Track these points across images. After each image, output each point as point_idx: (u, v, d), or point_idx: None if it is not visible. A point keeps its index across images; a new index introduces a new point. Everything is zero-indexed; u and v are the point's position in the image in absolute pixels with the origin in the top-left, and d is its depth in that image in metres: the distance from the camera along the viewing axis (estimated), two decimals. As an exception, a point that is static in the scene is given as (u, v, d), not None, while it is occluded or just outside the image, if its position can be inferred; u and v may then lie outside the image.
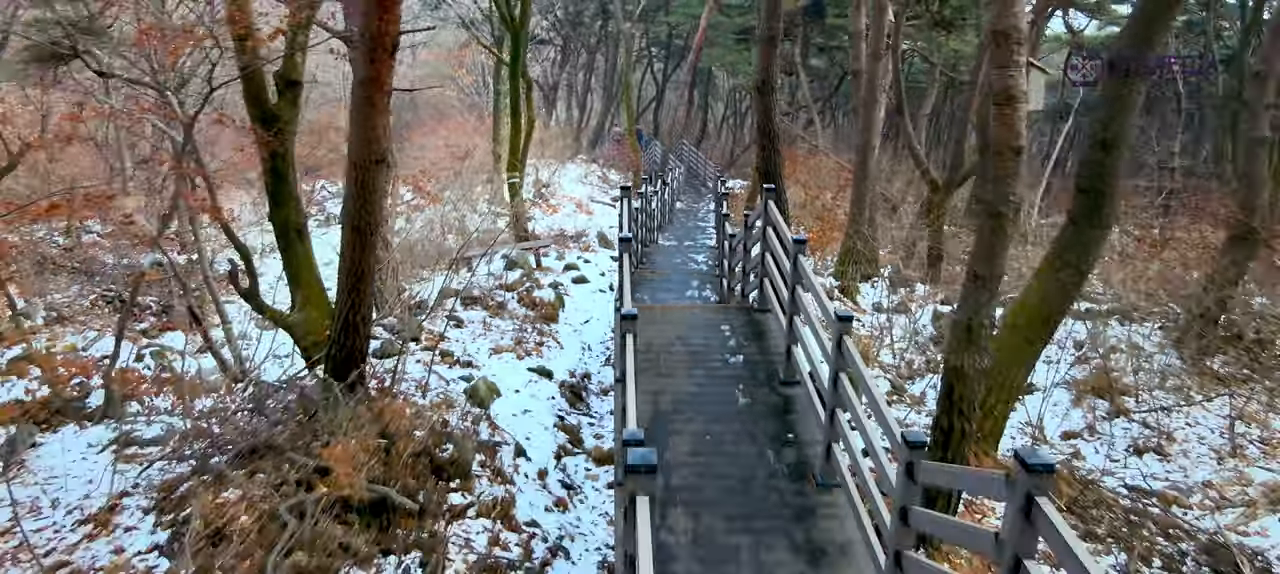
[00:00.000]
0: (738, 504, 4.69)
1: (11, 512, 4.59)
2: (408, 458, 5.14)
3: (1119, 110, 5.98)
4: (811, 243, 13.40)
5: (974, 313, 5.23)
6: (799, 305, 5.69)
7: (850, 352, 4.51)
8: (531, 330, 9.23)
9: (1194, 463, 7.14)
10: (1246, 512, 6.38)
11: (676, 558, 4.24)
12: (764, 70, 9.45)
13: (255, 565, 4.03)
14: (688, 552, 4.30)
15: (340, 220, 6.04)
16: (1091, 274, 8.69)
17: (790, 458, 5.13)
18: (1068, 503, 6.27)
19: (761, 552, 4.32)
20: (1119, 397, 8.23)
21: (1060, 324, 6.91)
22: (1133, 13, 6.03)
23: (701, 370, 6.13)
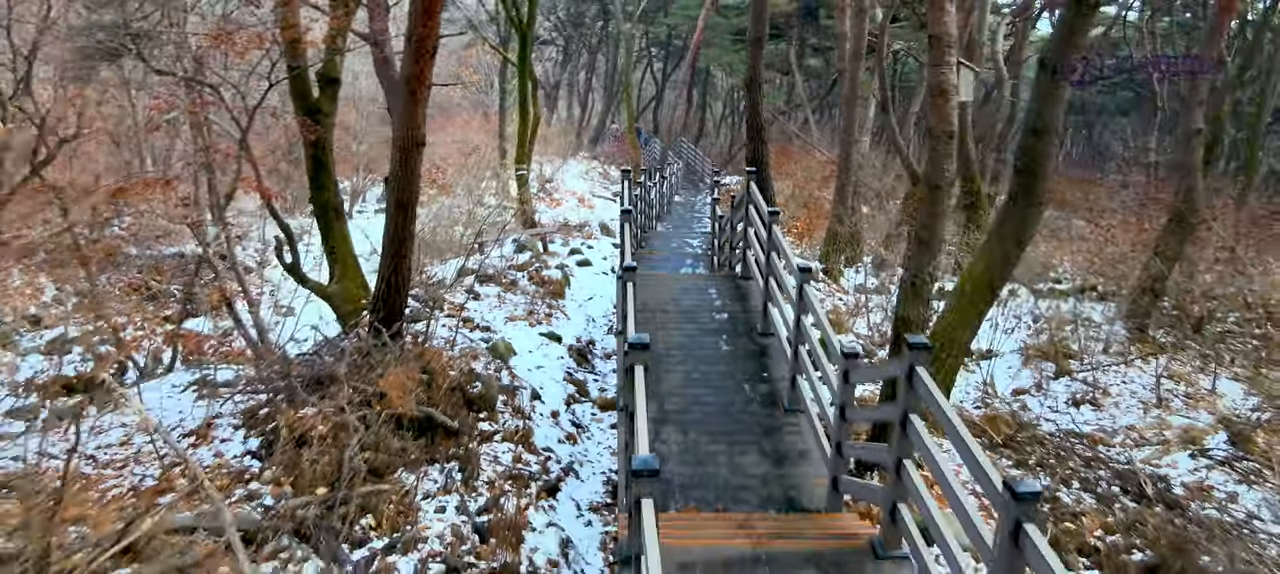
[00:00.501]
0: (719, 424, 5.77)
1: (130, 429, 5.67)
2: (445, 391, 6.23)
3: (1048, 103, 7.04)
4: (800, 229, 14.53)
5: (918, 271, 6.33)
6: (774, 269, 6.78)
7: (809, 297, 5.60)
8: (541, 304, 10.33)
9: (1123, 412, 8.23)
10: (1161, 448, 7.47)
11: (668, 460, 5.31)
12: (752, 69, 10.52)
13: (332, 462, 5.11)
14: (678, 457, 5.37)
15: (384, 196, 7.10)
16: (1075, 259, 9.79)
17: (763, 391, 6.22)
18: (1005, 440, 7.37)
19: (737, 457, 5.40)
20: (1064, 360, 9.32)
21: (1003, 289, 7.98)
22: (1057, 24, 7.10)
23: (692, 325, 7.23)
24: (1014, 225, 7.32)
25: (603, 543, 5.64)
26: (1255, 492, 6.82)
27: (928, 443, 3.66)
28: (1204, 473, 7.10)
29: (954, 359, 7.79)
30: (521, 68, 15.21)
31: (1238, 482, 6.99)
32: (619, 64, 32.58)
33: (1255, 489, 6.86)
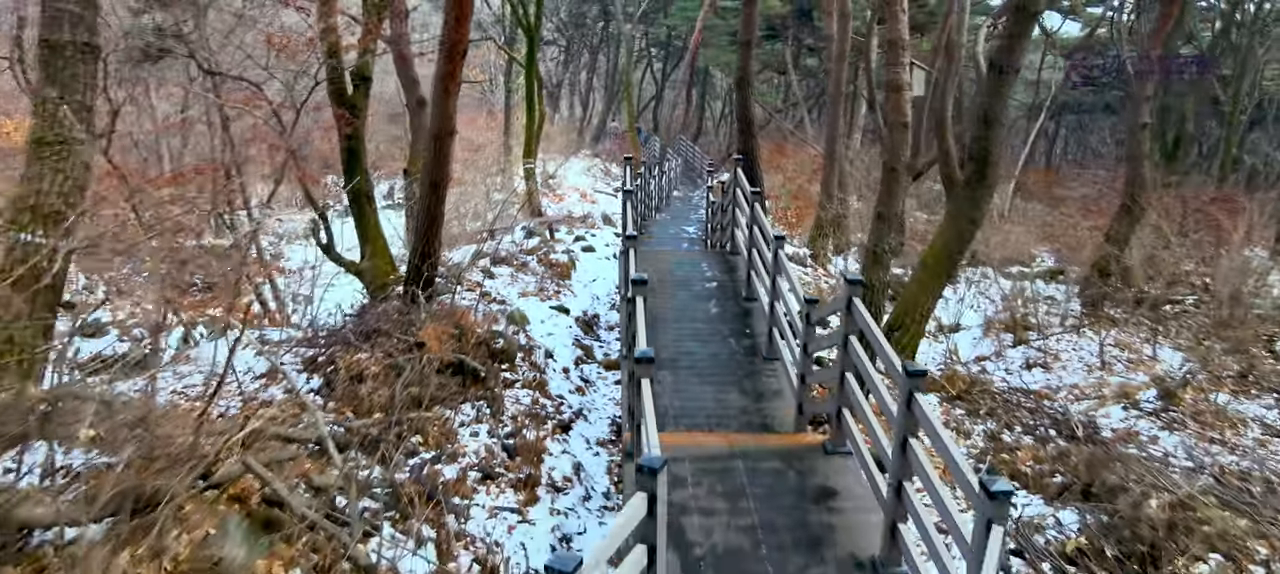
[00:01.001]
0: (708, 370, 6.88)
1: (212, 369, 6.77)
2: (473, 344, 7.33)
3: (995, 98, 8.17)
4: (791, 219, 15.63)
5: (878, 241, 7.44)
6: (756, 242, 7.89)
7: (783, 260, 6.71)
8: (550, 282, 11.43)
9: (1069, 374, 9.34)
10: (1097, 402, 8.57)
11: (661, 396, 6.42)
12: (742, 69, 11.63)
13: (385, 395, 6.22)
14: (671, 394, 6.47)
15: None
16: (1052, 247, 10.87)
17: (746, 344, 7.33)
18: (959, 393, 8.48)
19: (721, 394, 6.51)
20: (1023, 331, 10.43)
21: (963, 261, 9.10)
22: (1003, 29, 8.20)
23: (685, 292, 8.35)
24: (968, 205, 8.48)
25: (608, 468, 6.74)
26: (1175, 436, 7.91)
27: (861, 356, 4.76)
28: (1133, 422, 8.19)
29: (918, 323, 8.94)
30: (529, 68, 16.32)
31: (1161, 429, 8.09)
32: (620, 64, 33.75)
33: (1175, 434, 7.96)
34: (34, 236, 5.54)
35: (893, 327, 8.72)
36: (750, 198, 7.83)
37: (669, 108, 39.39)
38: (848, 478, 4.90)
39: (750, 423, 6.06)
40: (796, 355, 6.15)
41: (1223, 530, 5.38)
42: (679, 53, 36.03)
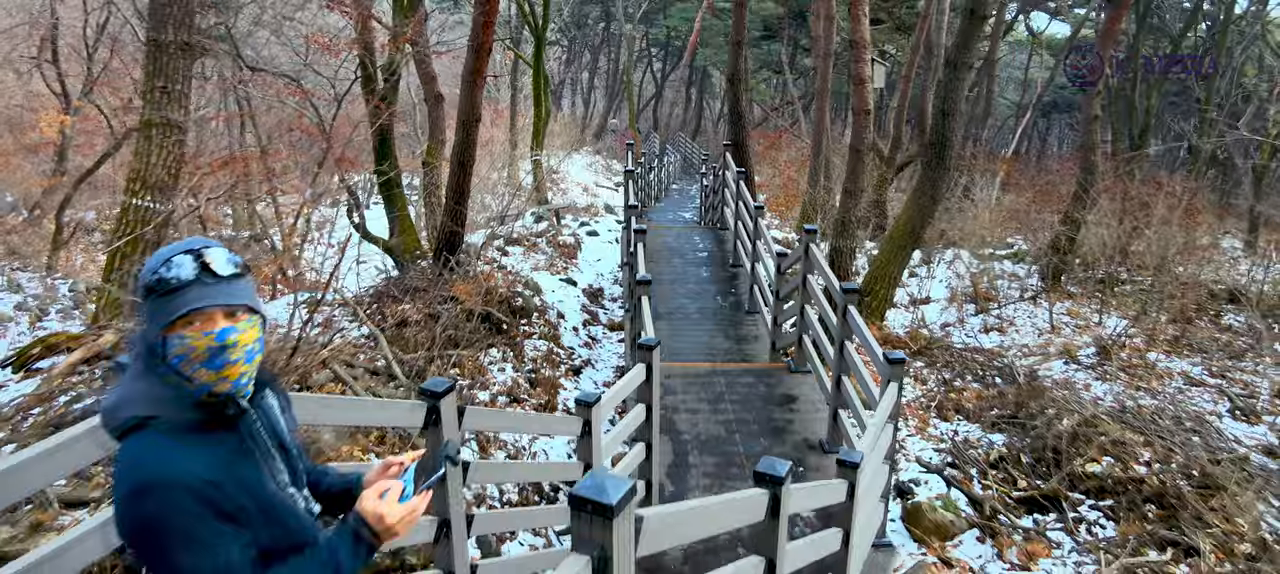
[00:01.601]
0: (698, 320, 8.18)
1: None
2: (496, 301, 8.64)
3: (952, 91, 9.47)
4: (781, 206, 16.93)
5: (845, 213, 8.73)
6: (740, 215, 9.20)
7: (761, 227, 8.01)
8: (559, 260, 12.74)
9: (1022, 336, 10.64)
10: (1042, 358, 9.86)
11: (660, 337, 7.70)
12: (733, 66, 12.92)
13: (425, 337, 7.52)
14: (667, 336, 7.77)
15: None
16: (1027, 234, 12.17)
17: (732, 301, 8.63)
18: (921, 348, 9.77)
19: (709, 338, 7.80)
20: (985, 301, 11.73)
21: (923, 234, 10.39)
22: (959, 27, 9.51)
23: (680, 260, 9.66)
24: (928, 185, 9.79)
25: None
26: (1106, 385, 9.21)
27: (817, 291, 6.05)
28: (1071, 373, 9.50)
29: (887, 288, 10.25)
30: (536, 66, 17.64)
31: (1095, 379, 9.39)
32: (620, 64, 35.09)
33: (1107, 383, 9.25)
34: (145, 203, 6.85)
35: (864, 292, 10.02)
36: (736, 176, 9.14)
37: (668, 106, 40.75)
38: (805, 388, 6.20)
39: (731, 356, 7.36)
40: (771, 303, 7.45)
41: (1115, 439, 6.68)
42: (678, 52, 37.37)
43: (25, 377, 6.06)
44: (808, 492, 3.01)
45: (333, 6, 10.55)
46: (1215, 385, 9.45)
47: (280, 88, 12.04)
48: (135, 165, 6.96)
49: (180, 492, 1.26)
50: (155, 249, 7.31)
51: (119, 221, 6.90)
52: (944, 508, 6.29)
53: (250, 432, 1.41)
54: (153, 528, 1.26)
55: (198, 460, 1.30)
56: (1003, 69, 37.99)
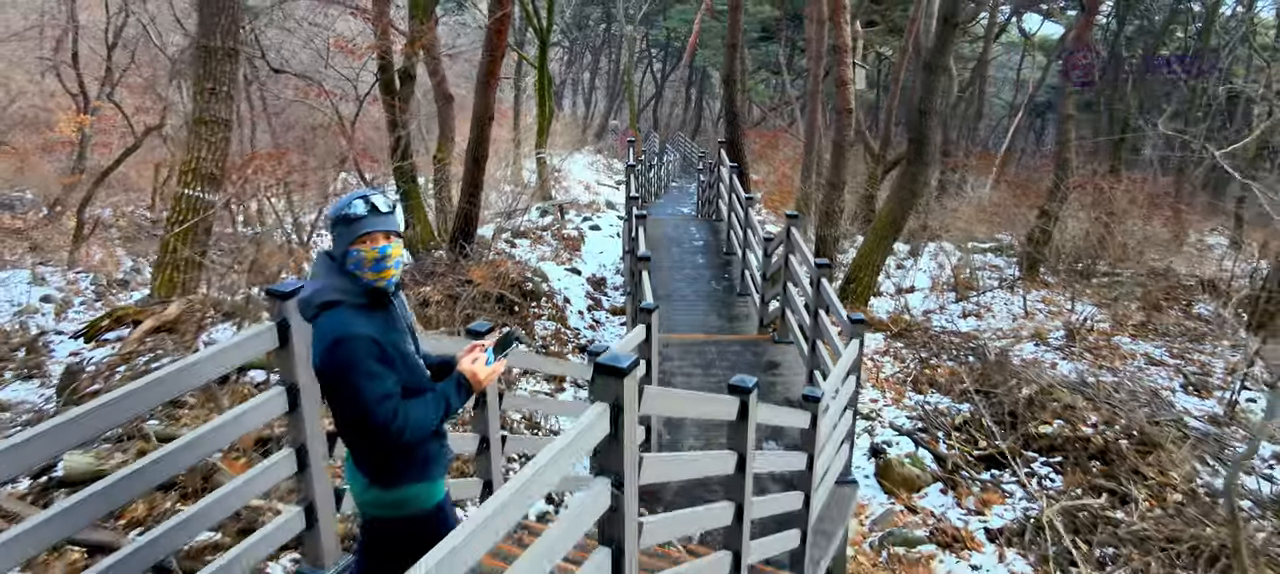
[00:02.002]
0: (693, 300, 8.99)
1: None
2: (508, 284, 9.46)
3: (929, 92, 10.28)
4: (776, 202, 17.75)
5: (829, 204, 9.55)
6: (733, 206, 10.02)
7: (751, 216, 8.83)
8: (564, 251, 13.56)
9: (997, 320, 11.46)
10: (1014, 340, 10.68)
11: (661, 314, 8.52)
12: (728, 67, 13.74)
13: (445, 315, 8.34)
14: (666, 315, 8.57)
15: (464, 156, 10.32)
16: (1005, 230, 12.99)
17: (725, 284, 9.45)
18: (902, 330, 10.59)
19: (704, 318, 8.61)
20: (965, 290, 12.55)
21: (904, 225, 11.20)
22: (935, 34, 10.32)
23: (678, 248, 10.48)
24: (908, 180, 10.61)
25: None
26: (1070, 364, 10.02)
27: (796, 270, 6.87)
28: (1040, 353, 10.31)
29: (870, 275, 11.08)
30: (541, 68, 18.47)
31: (1062, 358, 10.20)
32: (621, 64, 35.94)
33: (1072, 362, 10.07)
34: (196, 192, 7.67)
35: (849, 279, 10.87)
36: (730, 171, 9.96)
37: (668, 106, 41.59)
38: (787, 355, 7.01)
39: (723, 330, 8.18)
40: (759, 285, 8.27)
41: (1067, 404, 7.51)
42: (677, 53, 38.19)
43: (97, 346, 6.88)
44: (771, 410, 3.83)
45: (356, 13, 11.36)
46: (1174, 365, 10.28)
47: (304, 88, 12.88)
48: (187, 159, 7.79)
49: (360, 342, 2.07)
50: (206, 235, 8.13)
51: (173, 209, 7.72)
52: (912, 464, 7.11)
53: (395, 312, 2.23)
54: (342, 364, 2.07)
55: (368, 326, 2.11)
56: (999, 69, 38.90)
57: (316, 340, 2.13)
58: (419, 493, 2.26)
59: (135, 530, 4.07)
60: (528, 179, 21.13)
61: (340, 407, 2.14)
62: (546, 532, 2.16)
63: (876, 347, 10.17)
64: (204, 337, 6.36)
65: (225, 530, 4.13)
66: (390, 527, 2.28)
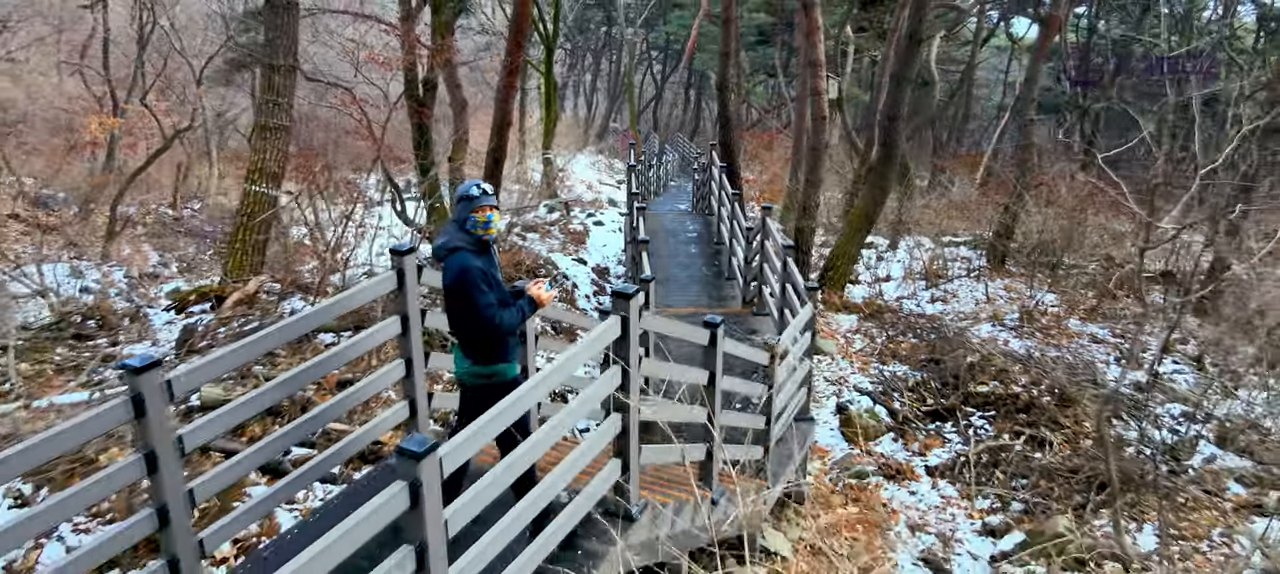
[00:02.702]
0: (686, 282, 10.41)
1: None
2: (525, 270, 10.88)
3: (896, 100, 11.68)
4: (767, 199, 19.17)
5: (807, 199, 10.97)
6: (722, 200, 11.43)
7: (737, 209, 10.25)
8: (570, 244, 14.99)
9: (961, 305, 12.88)
10: (974, 320, 12.09)
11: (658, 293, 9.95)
12: (722, 75, 15.13)
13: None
14: (662, 295, 10.01)
15: (486, 155, 11.71)
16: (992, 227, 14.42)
17: (715, 269, 10.88)
18: (873, 312, 12.00)
19: (695, 295, 10.04)
20: (935, 278, 13.97)
21: (876, 219, 12.60)
22: (901, 50, 11.72)
23: (674, 239, 11.91)
24: (878, 179, 12.04)
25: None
26: (1020, 341, 11.43)
27: (769, 250, 8.28)
28: (996, 332, 11.73)
29: (846, 264, 12.50)
30: (547, 75, 19.91)
31: (1015, 337, 11.61)
32: (622, 66, 37.37)
33: (1024, 341, 11.47)
34: (260, 188, 9.09)
35: (827, 268, 12.29)
36: (720, 170, 11.39)
37: (667, 107, 43.05)
38: (765, 324, 8.44)
39: (711, 306, 9.60)
40: (743, 268, 9.69)
41: (1002, 369, 8.93)
42: (677, 55, 39.62)
43: (185, 317, 8.31)
44: (734, 344, 5.25)
45: (389, 30, 12.79)
46: (1114, 343, 11.70)
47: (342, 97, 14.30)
48: (253, 160, 9.23)
49: (474, 270, 3.50)
50: (267, 226, 9.53)
51: (242, 203, 9.15)
52: (869, 417, 8.54)
53: (493, 256, 3.66)
54: (464, 284, 3.49)
55: (477, 262, 3.54)
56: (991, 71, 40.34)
57: (446, 272, 3.55)
58: (502, 369, 3.70)
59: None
60: (534, 179, 22.57)
61: (461, 312, 3.56)
62: (582, 394, 3.62)
63: (850, 326, 11.60)
64: (287, 304, 7.80)
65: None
66: (483, 391, 3.70)
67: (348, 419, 6.05)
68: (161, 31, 19.13)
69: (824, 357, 10.30)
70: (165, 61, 19.84)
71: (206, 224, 21.55)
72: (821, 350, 10.40)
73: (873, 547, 6.52)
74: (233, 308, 7.49)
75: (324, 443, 5.67)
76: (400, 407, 4.49)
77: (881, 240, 16.33)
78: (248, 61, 15.88)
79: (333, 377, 6.47)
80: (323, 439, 5.75)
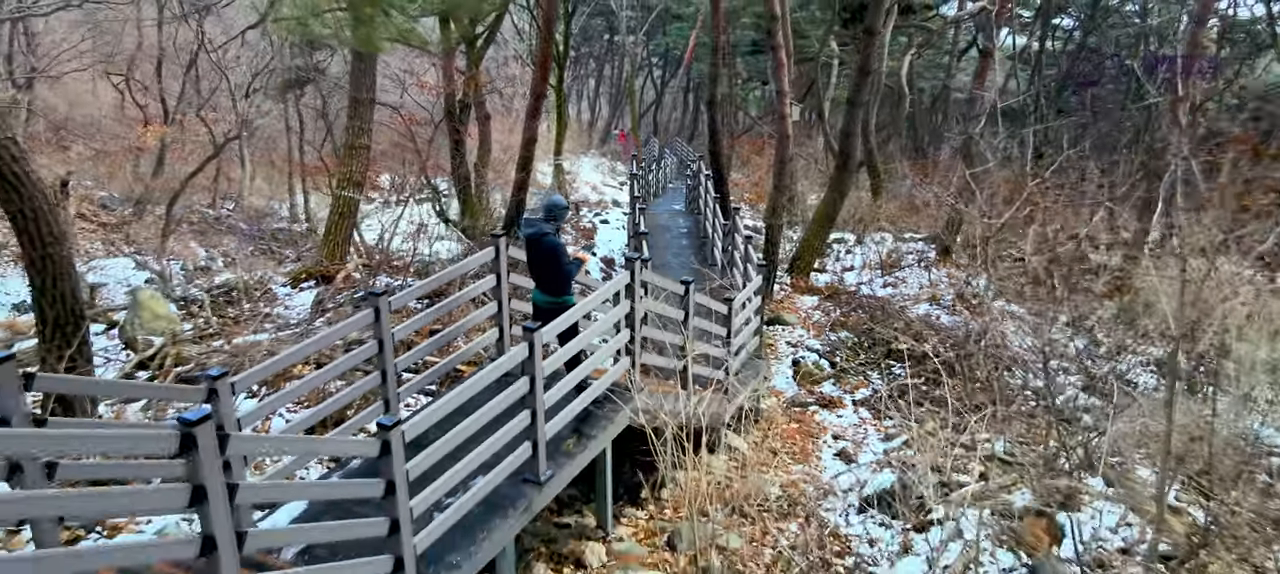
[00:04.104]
0: (677, 269, 13.32)
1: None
2: (548, 259, 13.86)
3: (852, 118, 14.63)
4: (753, 200, 22.15)
5: (774, 202, 13.92)
6: (708, 204, 14.39)
7: (717, 209, 13.21)
8: (581, 238, 17.97)
9: (909, 290, 15.84)
10: (914, 300, 15.05)
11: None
12: (711, 93, 18.06)
13: (509, 276, 12.73)
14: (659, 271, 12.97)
15: (516, 166, 14.69)
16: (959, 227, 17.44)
17: (701, 258, 13.85)
18: (830, 293, 14.96)
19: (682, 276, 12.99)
20: (890, 267, 16.93)
21: (836, 219, 15.55)
22: (852, 79, 14.66)
23: (668, 235, 14.89)
24: (838, 183, 15.00)
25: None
26: (953, 317, 14.36)
27: (738, 241, 11.23)
28: (931, 310, 14.67)
29: (810, 256, 15.47)
30: (558, 88, 22.88)
31: (946, 314, 14.55)
32: (623, 73, 40.34)
33: (952, 317, 14.41)
34: (347, 193, 12.06)
35: (796, 257, 15.25)
36: (707, 177, 14.34)
37: (667, 111, 46.06)
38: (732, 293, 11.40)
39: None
40: (721, 257, 12.63)
41: (918, 332, 11.90)
42: (677, 61, 42.61)
43: (300, 290, 11.26)
44: (703, 298, 8.20)
45: (434, 63, 15.78)
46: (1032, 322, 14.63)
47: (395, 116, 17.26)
48: (343, 171, 12.22)
49: (559, 243, 6.52)
50: (353, 224, 12.49)
51: (333, 205, 12.12)
52: (815, 367, 11.50)
53: (563, 236, 6.67)
54: (554, 249, 6.50)
55: (557, 238, 6.54)
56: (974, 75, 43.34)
57: (542, 243, 6.54)
58: (566, 298, 6.67)
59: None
60: (545, 183, 25.57)
61: (547, 267, 6.53)
62: (606, 314, 6.62)
63: (812, 304, 14.56)
64: (377, 280, 10.77)
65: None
66: (554, 310, 6.64)
67: (438, 353, 8.93)
68: (205, 51, 22.13)
69: (788, 327, 13.28)
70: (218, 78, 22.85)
71: (242, 222, 24.47)
72: (785, 322, 13.39)
73: (806, 447, 9.48)
74: (342, 282, 10.45)
75: (423, 367, 8.57)
76: (491, 333, 7.48)
77: (851, 236, 19.29)
78: (301, 81, 18.85)
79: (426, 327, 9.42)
80: (424, 365, 8.64)
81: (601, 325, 6.83)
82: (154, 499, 3.50)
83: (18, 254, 17.24)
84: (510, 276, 7.39)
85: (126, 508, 4.15)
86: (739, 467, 8.18)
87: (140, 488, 4.09)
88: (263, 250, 23.26)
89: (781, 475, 8.57)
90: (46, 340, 6.21)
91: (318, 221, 22.26)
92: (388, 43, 10.42)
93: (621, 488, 7.58)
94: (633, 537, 7.06)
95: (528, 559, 6.45)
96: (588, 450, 6.42)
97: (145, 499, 3.59)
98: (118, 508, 4.08)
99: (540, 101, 13.71)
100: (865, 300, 14.82)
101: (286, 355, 5.35)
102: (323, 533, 4.26)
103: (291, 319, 9.85)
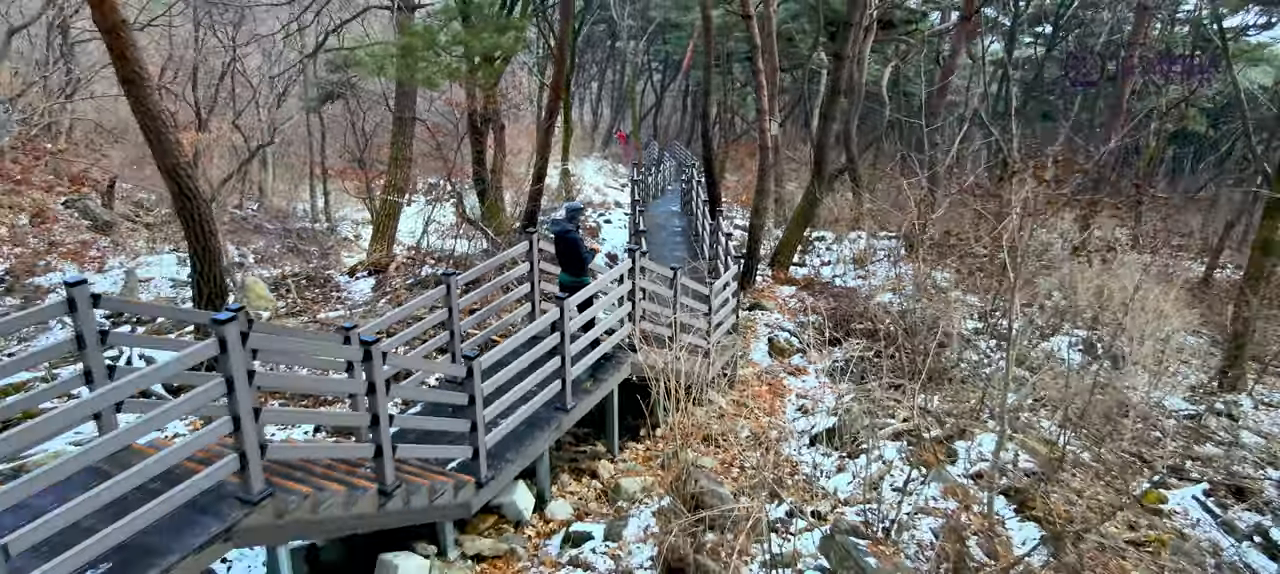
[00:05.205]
0: (673, 260, 15.76)
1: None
2: (561, 253, 16.26)
3: (824, 133, 16.99)
4: (743, 202, 24.55)
5: (756, 205, 16.28)
6: (700, 205, 16.78)
7: (706, 211, 15.59)
8: (587, 237, 20.36)
9: (876, 282, 18.21)
10: (881, 290, 17.42)
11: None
12: (703, 108, 20.43)
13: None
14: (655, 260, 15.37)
15: (532, 171, 17.08)
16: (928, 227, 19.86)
17: (692, 253, 16.23)
18: (806, 284, 17.34)
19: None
20: (861, 263, 19.31)
21: (812, 220, 17.93)
22: (823, 98, 17.04)
23: (664, 232, 17.28)
24: (812, 192, 17.38)
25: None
26: (916, 306, 16.71)
27: (720, 236, 13.62)
28: (897, 302, 17.03)
29: (788, 252, 17.86)
30: (564, 97, 25.27)
31: (911, 303, 16.91)
32: (625, 78, 42.73)
33: (917, 305, 16.76)
34: (393, 198, 14.45)
35: (776, 253, 17.64)
36: (698, 182, 16.70)
37: (667, 114, 48.46)
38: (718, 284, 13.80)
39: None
40: (708, 251, 15.00)
41: (875, 315, 14.29)
42: (677, 65, 44.99)
43: (356, 279, 13.65)
44: (690, 282, 10.58)
45: (460, 83, 18.15)
46: (979, 308, 17.02)
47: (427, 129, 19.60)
48: (389, 179, 14.61)
49: (580, 237, 8.92)
50: (396, 225, 14.93)
51: (381, 208, 14.51)
52: (786, 343, 13.88)
53: (584, 232, 9.09)
54: (577, 241, 8.91)
55: (578, 234, 8.95)
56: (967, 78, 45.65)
57: (567, 237, 8.93)
58: (584, 278, 9.06)
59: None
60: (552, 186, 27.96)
61: (573, 255, 8.92)
62: (613, 291, 9.04)
63: (789, 293, 16.93)
64: (423, 268, 13.15)
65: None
66: (575, 289, 9.00)
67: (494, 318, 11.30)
68: (236, 62, 24.49)
69: (766, 311, 15.66)
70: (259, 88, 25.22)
71: (267, 221, 26.66)
72: (765, 307, 15.77)
73: (774, 404, 11.87)
74: (395, 270, 12.82)
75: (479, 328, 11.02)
76: (525, 308, 9.88)
77: (831, 234, 21.68)
78: (336, 94, 21.24)
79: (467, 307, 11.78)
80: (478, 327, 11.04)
81: (610, 298, 9.22)
82: (350, 385, 5.91)
83: (164, 239, 19.55)
84: (540, 263, 9.77)
85: (330, 390, 6.61)
86: (718, 416, 10.56)
87: (342, 376, 6.40)
88: (289, 248, 25.61)
89: (751, 423, 10.95)
90: (201, 308, 8.60)
91: (336, 221, 24.66)
92: (440, 78, 12.79)
93: (624, 430, 9.96)
94: (634, 460, 9.45)
95: (556, 472, 8.83)
96: (601, 389, 8.81)
97: (344, 385, 6.00)
98: (327, 389, 6.54)
99: (553, 119, 16.08)
100: (835, 290, 17.20)
101: (390, 316, 7.75)
102: (434, 423, 6.67)
103: (357, 300, 12.23)
